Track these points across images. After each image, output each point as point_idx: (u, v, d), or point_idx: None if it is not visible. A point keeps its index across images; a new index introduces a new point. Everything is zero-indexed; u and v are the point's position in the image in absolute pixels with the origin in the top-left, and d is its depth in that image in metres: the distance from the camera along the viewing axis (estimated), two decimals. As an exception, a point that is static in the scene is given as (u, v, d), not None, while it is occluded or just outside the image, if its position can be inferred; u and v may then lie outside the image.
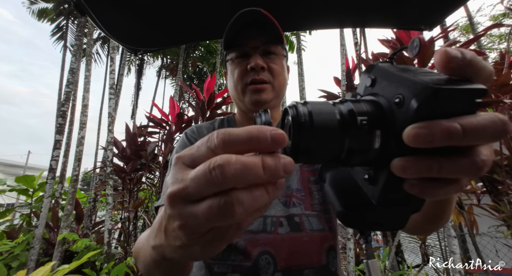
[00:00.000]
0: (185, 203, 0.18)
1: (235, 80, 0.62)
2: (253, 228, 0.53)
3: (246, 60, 0.60)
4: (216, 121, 0.71)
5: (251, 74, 0.59)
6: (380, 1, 0.95)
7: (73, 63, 3.39)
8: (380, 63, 0.22)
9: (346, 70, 2.81)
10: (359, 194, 0.23)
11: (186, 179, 0.18)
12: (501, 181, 1.70)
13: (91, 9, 0.87)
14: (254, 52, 0.60)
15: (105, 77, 7.51)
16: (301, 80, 3.42)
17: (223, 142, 0.17)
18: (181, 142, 0.66)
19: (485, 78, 0.17)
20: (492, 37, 8.07)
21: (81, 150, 2.84)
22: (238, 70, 0.61)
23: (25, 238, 2.52)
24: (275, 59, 0.62)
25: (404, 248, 2.84)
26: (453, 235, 1.57)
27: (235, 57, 0.62)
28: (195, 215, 0.18)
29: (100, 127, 6.86)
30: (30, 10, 7.59)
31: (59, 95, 5.94)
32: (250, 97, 0.61)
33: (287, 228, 0.53)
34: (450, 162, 0.16)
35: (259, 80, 0.59)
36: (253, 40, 0.61)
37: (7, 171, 17.04)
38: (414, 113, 0.16)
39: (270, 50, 0.61)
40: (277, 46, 0.62)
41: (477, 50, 2.00)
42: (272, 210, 0.55)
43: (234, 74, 0.62)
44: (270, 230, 0.53)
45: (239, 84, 0.62)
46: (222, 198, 0.16)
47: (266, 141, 0.17)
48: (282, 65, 0.63)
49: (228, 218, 0.17)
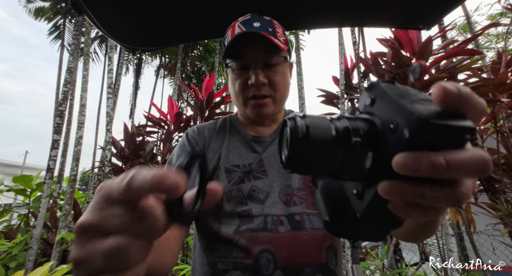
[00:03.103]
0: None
1: (236, 91, 0.62)
2: (253, 226, 0.54)
3: (247, 73, 0.60)
4: (218, 121, 0.71)
5: (252, 89, 0.59)
6: (379, 1, 0.96)
7: (71, 62, 3.37)
8: (382, 83, 0.22)
9: (345, 69, 2.81)
10: (346, 206, 0.24)
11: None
12: (498, 179, 1.71)
13: (89, 8, 0.87)
14: (254, 65, 0.59)
15: (103, 77, 7.48)
16: (300, 79, 3.43)
17: (127, 187, 0.19)
18: (181, 142, 0.66)
19: (478, 113, 0.18)
20: (490, 36, 8.10)
21: (79, 150, 2.83)
22: (239, 82, 0.61)
23: (23, 238, 2.51)
24: (277, 70, 0.61)
25: (402, 247, 2.85)
26: (451, 233, 1.58)
27: (235, 67, 0.62)
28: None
29: (98, 126, 6.83)
30: (27, 9, 7.53)
31: (56, 94, 5.91)
32: (252, 111, 0.62)
33: (288, 226, 0.54)
34: (432, 191, 0.17)
35: (260, 95, 0.59)
36: (253, 51, 0.59)
37: (4, 171, 16.94)
38: (405, 142, 0.17)
39: (271, 62, 0.60)
40: (279, 55, 0.61)
41: (475, 49, 2.01)
42: (273, 209, 0.56)
43: (235, 85, 0.62)
44: (271, 228, 0.54)
45: (240, 96, 0.62)
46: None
47: (163, 188, 0.18)
48: (284, 74, 0.63)
49: None
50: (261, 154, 0.63)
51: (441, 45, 1.89)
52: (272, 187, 0.59)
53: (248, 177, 0.60)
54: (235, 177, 0.60)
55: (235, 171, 0.60)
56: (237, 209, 0.56)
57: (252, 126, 0.68)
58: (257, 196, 0.58)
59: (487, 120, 2.03)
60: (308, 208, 0.58)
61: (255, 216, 0.55)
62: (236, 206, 0.57)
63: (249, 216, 0.55)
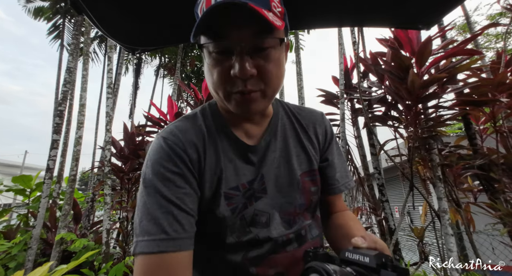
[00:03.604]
0: None
1: (214, 82, 0.46)
2: (263, 251, 0.51)
3: (229, 59, 0.43)
4: (198, 118, 0.55)
5: (236, 83, 0.44)
6: (379, 1, 0.96)
7: (70, 62, 3.37)
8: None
9: (345, 69, 2.81)
10: None
11: None
12: (497, 179, 1.71)
13: (88, 8, 0.86)
14: (240, 50, 0.42)
15: (103, 76, 7.46)
16: (299, 79, 3.42)
17: None
18: (161, 157, 0.47)
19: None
20: (489, 36, 8.11)
21: (79, 150, 2.82)
22: (218, 71, 0.45)
23: (22, 238, 2.50)
24: (269, 55, 0.44)
25: (402, 246, 2.86)
26: (450, 233, 1.58)
27: (212, 49, 0.44)
28: None
29: (98, 126, 6.82)
30: (26, 9, 7.51)
31: (56, 94, 5.89)
32: (236, 107, 0.47)
33: (295, 244, 0.54)
34: None
35: (247, 91, 0.44)
36: (238, 30, 0.42)
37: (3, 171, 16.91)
38: None
39: (262, 46, 0.43)
40: (273, 36, 0.44)
41: (474, 49, 2.01)
42: (279, 231, 0.53)
43: (213, 74, 0.45)
44: (280, 250, 0.52)
45: (220, 89, 0.46)
46: None
47: None
48: (278, 61, 0.47)
49: None
50: (258, 167, 0.54)
51: (440, 45, 1.89)
52: (273, 206, 0.53)
53: (250, 202, 0.52)
54: (238, 205, 0.51)
55: (235, 195, 0.51)
56: (243, 239, 0.51)
57: (239, 123, 0.56)
58: (259, 220, 0.52)
59: (487, 120, 2.04)
60: (306, 219, 0.57)
61: (264, 241, 0.51)
62: (240, 236, 0.51)
63: (258, 243, 0.51)
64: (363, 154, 2.62)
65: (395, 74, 1.74)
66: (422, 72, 1.74)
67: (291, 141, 0.59)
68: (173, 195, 0.44)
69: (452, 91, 1.69)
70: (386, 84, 1.94)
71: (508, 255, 1.99)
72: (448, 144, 2.09)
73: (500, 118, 1.85)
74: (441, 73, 1.62)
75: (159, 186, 0.45)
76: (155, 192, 0.44)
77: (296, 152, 0.59)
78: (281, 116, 0.62)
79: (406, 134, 1.95)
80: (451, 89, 1.69)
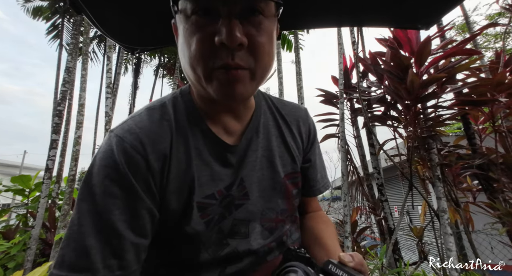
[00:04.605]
0: None
1: (192, 55, 0.36)
2: (242, 266, 0.45)
3: (213, 23, 0.34)
4: (168, 109, 0.44)
5: (221, 54, 0.35)
6: (378, 1, 0.96)
7: (69, 62, 3.36)
8: None
9: (344, 69, 2.81)
10: None
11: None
12: (496, 179, 1.72)
13: (87, 7, 0.86)
14: (228, 12, 0.34)
15: (102, 76, 7.45)
16: (299, 79, 3.42)
17: None
18: (112, 159, 0.36)
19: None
20: (488, 36, 8.13)
21: (78, 150, 2.82)
22: (199, 39, 0.35)
23: (21, 238, 2.50)
24: (261, 25, 0.36)
25: (401, 246, 2.86)
26: (449, 232, 1.58)
27: (191, 11, 0.35)
28: None
29: (97, 126, 6.81)
30: (25, 8, 7.49)
31: (55, 94, 5.88)
32: (218, 89, 0.37)
33: (276, 252, 0.50)
34: None
35: (233, 65, 0.35)
36: None
37: (2, 171, 16.87)
38: None
39: (255, 8, 0.35)
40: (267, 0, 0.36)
41: (473, 49, 2.02)
42: (260, 241, 0.47)
43: (191, 44, 0.36)
44: (262, 261, 0.48)
45: (199, 64, 0.36)
46: None
47: None
48: (271, 35, 0.39)
49: None
50: (237, 169, 0.46)
51: (439, 45, 1.89)
52: (253, 213, 0.47)
53: (229, 211, 0.44)
54: (214, 216, 0.42)
55: (211, 205, 0.42)
56: (220, 253, 0.43)
57: (218, 116, 0.46)
58: (238, 230, 0.45)
59: (486, 119, 2.04)
60: (286, 224, 0.53)
61: (243, 254, 0.45)
62: (217, 251, 0.43)
63: (237, 257, 0.44)
64: (363, 153, 2.63)
65: (394, 74, 1.74)
66: (421, 72, 1.75)
67: (274, 139, 0.52)
68: (119, 219, 0.34)
69: (451, 91, 1.69)
70: (386, 84, 1.94)
71: (507, 254, 2.00)
72: (447, 144, 2.09)
73: (499, 118, 1.86)
74: (440, 73, 1.63)
75: (101, 204, 0.34)
76: (94, 211, 0.33)
77: (279, 152, 0.52)
78: (264, 110, 0.53)
79: (405, 133, 1.96)
80: (450, 89, 1.69)
